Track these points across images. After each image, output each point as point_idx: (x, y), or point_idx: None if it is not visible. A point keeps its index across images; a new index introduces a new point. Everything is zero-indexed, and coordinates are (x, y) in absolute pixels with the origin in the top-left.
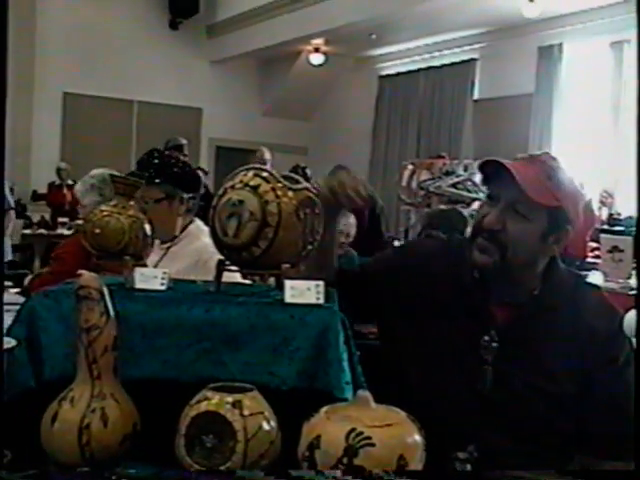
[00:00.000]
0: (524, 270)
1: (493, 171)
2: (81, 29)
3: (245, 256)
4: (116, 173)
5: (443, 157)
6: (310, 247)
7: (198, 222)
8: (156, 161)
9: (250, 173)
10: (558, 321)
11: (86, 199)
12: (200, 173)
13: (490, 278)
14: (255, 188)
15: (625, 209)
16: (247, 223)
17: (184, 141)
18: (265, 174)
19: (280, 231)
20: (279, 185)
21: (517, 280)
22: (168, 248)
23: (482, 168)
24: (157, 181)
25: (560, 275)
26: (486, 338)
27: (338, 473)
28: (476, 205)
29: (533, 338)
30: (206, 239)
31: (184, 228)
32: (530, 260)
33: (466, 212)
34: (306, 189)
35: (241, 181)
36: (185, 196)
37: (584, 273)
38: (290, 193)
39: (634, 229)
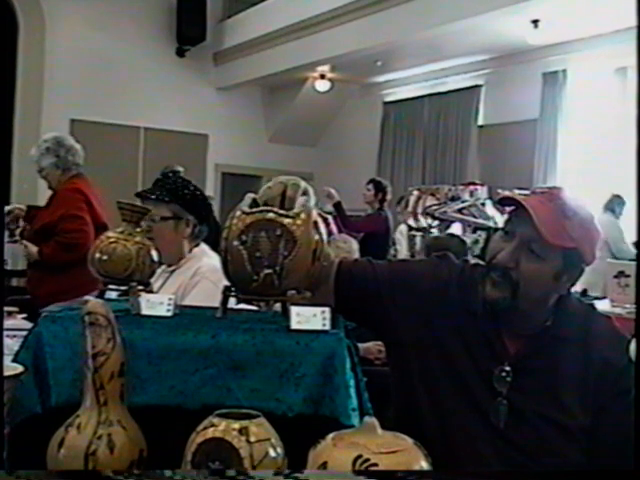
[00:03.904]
0: (535, 305)
1: (510, 205)
2: (88, 57)
3: None
4: (123, 200)
5: (477, 184)
6: (269, 271)
7: (203, 246)
8: (169, 181)
9: None
10: (571, 352)
11: (43, 162)
12: None
13: (500, 311)
14: None
15: (632, 234)
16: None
17: (180, 168)
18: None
19: (228, 255)
20: (238, 210)
21: (528, 314)
22: (172, 272)
23: (500, 202)
24: (167, 199)
25: (572, 306)
26: (499, 370)
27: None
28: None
29: (546, 369)
30: (209, 261)
31: (189, 252)
32: (541, 297)
33: (468, 239)
34: (265, 212)
35: None
36: (192, 219)
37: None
38: (242, 216)
39: None
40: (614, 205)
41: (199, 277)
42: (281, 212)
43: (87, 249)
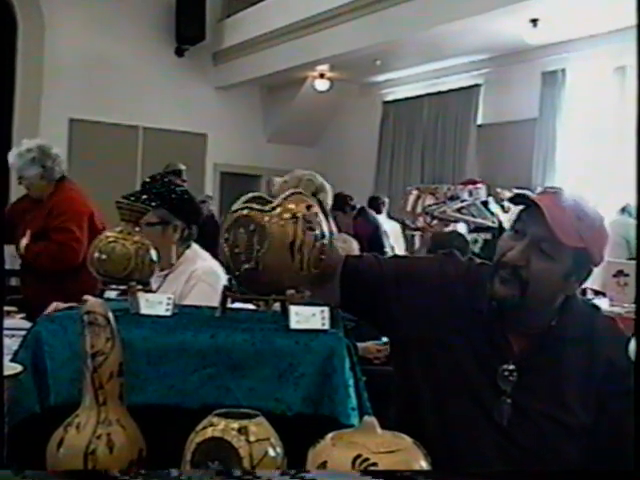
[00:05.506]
0: (542, 304)
1: (521, 204)
2: (87, 56)
3: None
4: (121, 199)
5: (476, 182)
6: (247, 265)
7: (195, 247)
8: (156, 185)
9: None
10: (575, 352)
11: (27, 172)
12: (204, 198)
13: (508, 309)
14: None
15: None
16: None
17: (183, 166)
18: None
19: (221, 254)
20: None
21: (534, 313)
22: (166, 276)
23: (512, 200)
24: (153, 204)
25: (577, 306)
26: (504, 368)
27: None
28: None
29: (550, 368)
30: (203, 263)
31: (181, 255)
32: (549, 297)
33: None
34: (243, 208)
35: None
36: (180, 224)
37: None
38: (229, 215)
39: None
40: (631, 207)
41: (195, 280)
42: (257, 207)
43: (72, 265)
